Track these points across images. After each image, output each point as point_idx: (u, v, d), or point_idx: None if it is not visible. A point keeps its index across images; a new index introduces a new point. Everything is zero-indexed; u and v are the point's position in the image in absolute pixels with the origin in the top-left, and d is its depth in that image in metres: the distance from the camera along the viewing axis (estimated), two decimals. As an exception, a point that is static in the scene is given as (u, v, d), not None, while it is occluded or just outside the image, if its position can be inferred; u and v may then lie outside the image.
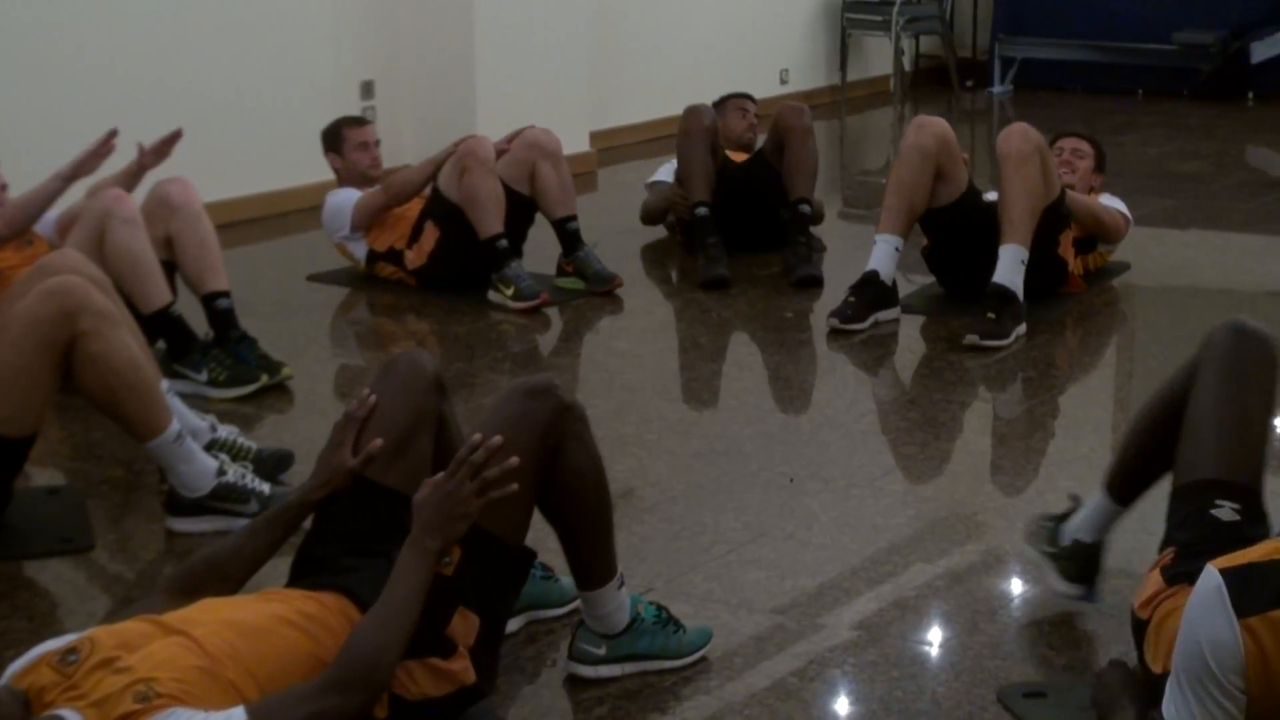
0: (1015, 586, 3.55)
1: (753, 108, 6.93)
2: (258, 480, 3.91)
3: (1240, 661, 2.34)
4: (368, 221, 6.02)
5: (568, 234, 6.03)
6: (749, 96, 6.98)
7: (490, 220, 5.81)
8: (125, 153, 4.90)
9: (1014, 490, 4.20)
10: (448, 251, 5.91)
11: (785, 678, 3.13)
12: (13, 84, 6.40)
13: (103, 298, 3.72)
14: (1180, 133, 9.60)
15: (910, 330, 5.54)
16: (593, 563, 3.05)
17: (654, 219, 6.82)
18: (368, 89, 7.76)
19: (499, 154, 5.94)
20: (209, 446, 4.01)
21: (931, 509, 4.04)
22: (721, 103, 6.86)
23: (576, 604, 3.22)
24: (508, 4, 7.83)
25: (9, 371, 3.60)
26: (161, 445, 3.78)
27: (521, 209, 6.01)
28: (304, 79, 7.39)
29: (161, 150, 4.99)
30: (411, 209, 6.04)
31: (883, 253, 5.55)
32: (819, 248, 6.39)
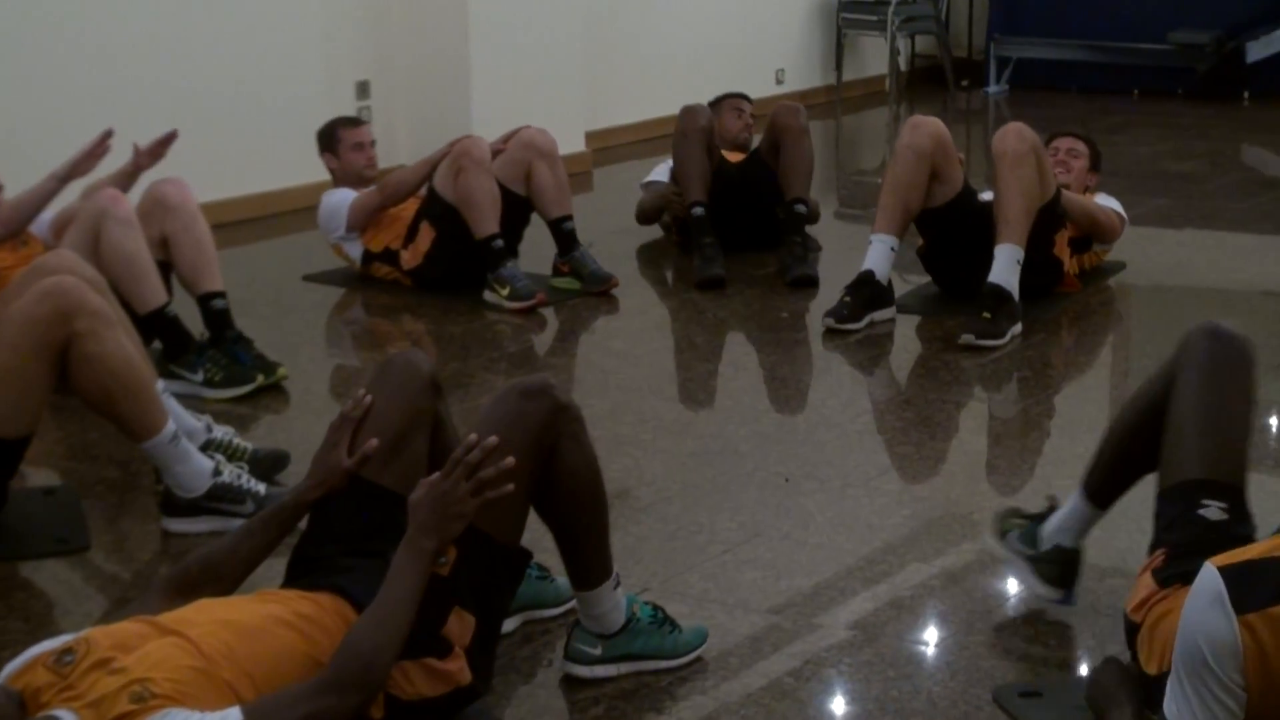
0: (1011, 586, 3.54)
1: (748, 107, 6.93)
2: (253, 481, 3.91)
3: (1239, 658, 2.34)
4: (363, 222, 6.02)
5: (563, 234, 6.03)
6: (744, 96, 6.99)
7: (486, 220, 5.80)
8: (121, 153, 4.90)
9: (1009, 490, 4.19)
10: (443, 252, 5.91)
11: (781, 677, 3.13)
12: (9, 84, 6.40)
13: (98, 298, 3.72)
14: (1175, 132, 9.60)
15: (906, 330, 5.54)
16: (589, 563, 3.05)
17: (649, 218, 6.82)
18: (363, 89, 7.76)
19: (494, 154, 5.94)
20: (205, 447, 4.01)
21: (927, 509, 4.04)
22: (717, 103, 6.86)
23: (572, 604, 3.22)
24: (503, 4, 7.83)
25: (4, 372, 3.60)
26: (157, 446, 3.78)
27: (517, 209, 6.01)
28: (299, 79, 7.40)
29: (157, 151, 4.99)
30: (407, 209, 6.04)
31: (878, 252, 5.55)
32: (814, 248, 6.40)
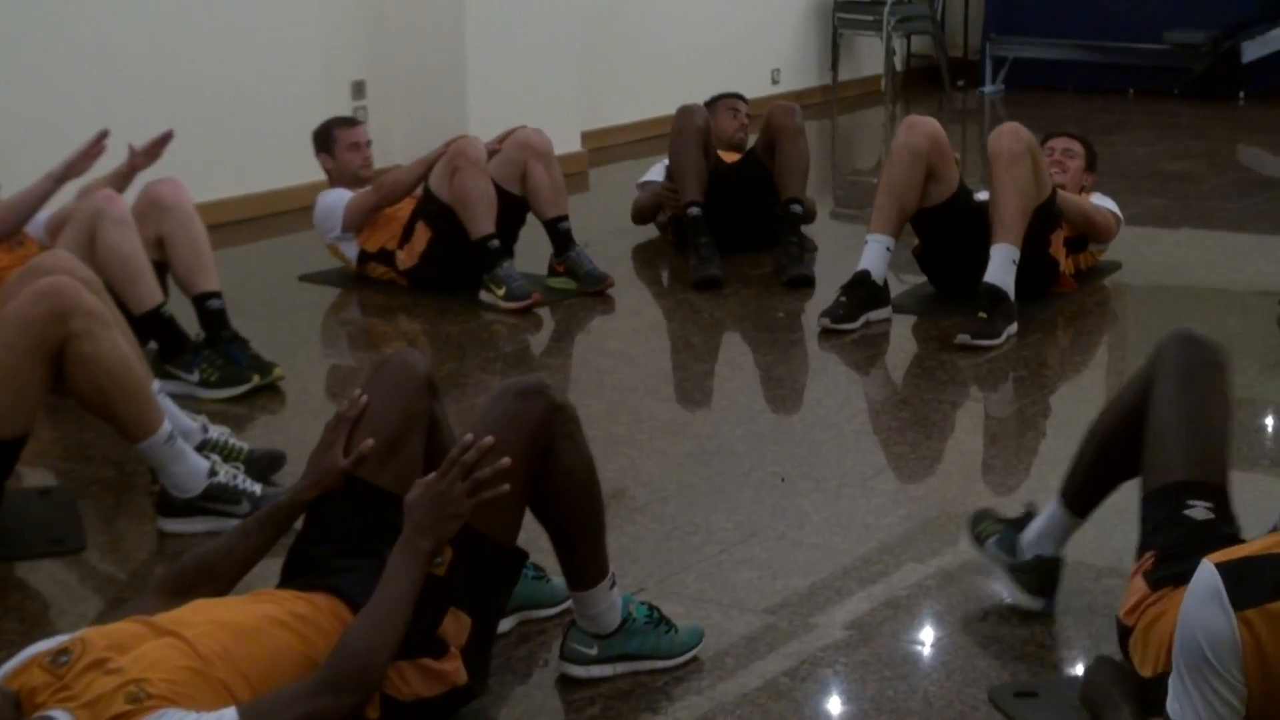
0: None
1: (744, 108, 6.93)
2: (249, 481, 3.91)
3: (1239, 654, 2.35)
4: (359, 222, 6.02)
5: (559, 234, 6.03)
6: (740, 96, 6.99)
7: (482, 220, 5.80)
8: (116, 153, 4.90)
9: (1005, 490, 4.19)
10: (439, 252, 5.91)
11: (777, 677, 3.13)
12: (5, 85, 6.39)
13: (94, 299, 3.71)
14: (1171, 132, 9.61)
15: (902, 330, 5.55)
16: (584, 563, 3.05)
17: (645, 216, 6.82)
18: (359, 89, 7.75)
19: (490, 154, 5.94)
20: (200, 447, 4.01)
21: (923, 508, 4.05)
22: (713, 103, 6.86)
23: (568, 604, 3.22)
24: (499, 4, 7.83)
25: (0, 372, 3.60)
26: (153, 446, 3.78)
27: (513, 209, 6.01)
28: (295, 79, 7.39)
29: (152, 152, 4.98)
30: (403, 209, 6.03)
31: (874, 252, 5.55)
32: (810, 248, 6.40)
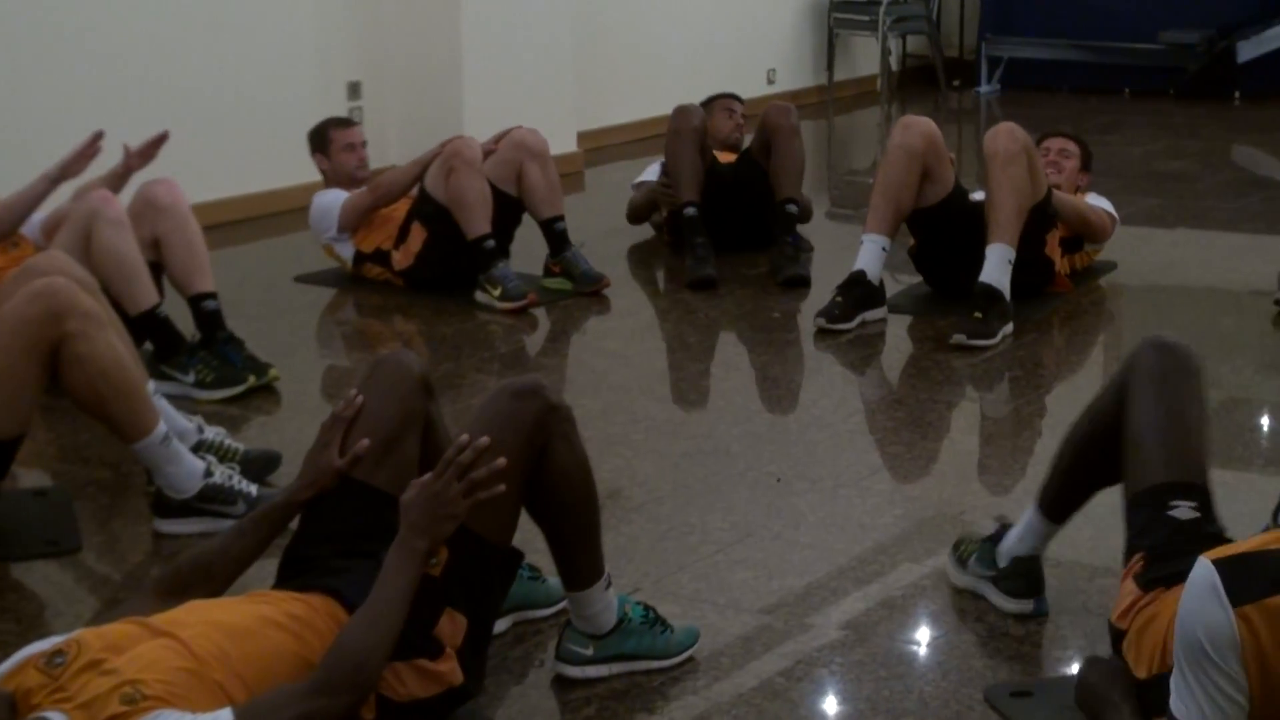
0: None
1: (739, 108, 6.93)
2: (245, 481, 3.90)
3: (1238, 649, 2.35)
4: (355, 222, 6.02)
5: (555, 234, 6.03)
6: (736, 96, 6.99)
7: (477, 221, 5.80)
8: (112, 154, 4.89)
9: (1001, 489, 4.20)
10: (435, 252, 5.91)
11: (772, 678, 3.13)
12: (4, 85, 6.39)
13: (89, 299, 3.71)
14: (1166, 132, 9.62)
15: (897, 330, 5.55)
16: (580, 563, 3.05)
17: (640, 216, 6.82)
18: (354, 90, 7.75)
19: (486, 154, 5.94)
20: (196, 448, 4.01)
21: (919, 508, 4.05)
22: (708, 103, 6.85)
23: (564, 604, 3.22)
24: (495, 4, 7.83)
25: (-4, 373, 3.60)
26: (148, 447, 3.78)
27: (508, 209, 6.01)
28: (291, 80, 7.39)
29: (148, 152, 4.97)
30: (398, 210, 6.03)
31: (869, 252, 5.55)
32: (806, 248, 6.40)
